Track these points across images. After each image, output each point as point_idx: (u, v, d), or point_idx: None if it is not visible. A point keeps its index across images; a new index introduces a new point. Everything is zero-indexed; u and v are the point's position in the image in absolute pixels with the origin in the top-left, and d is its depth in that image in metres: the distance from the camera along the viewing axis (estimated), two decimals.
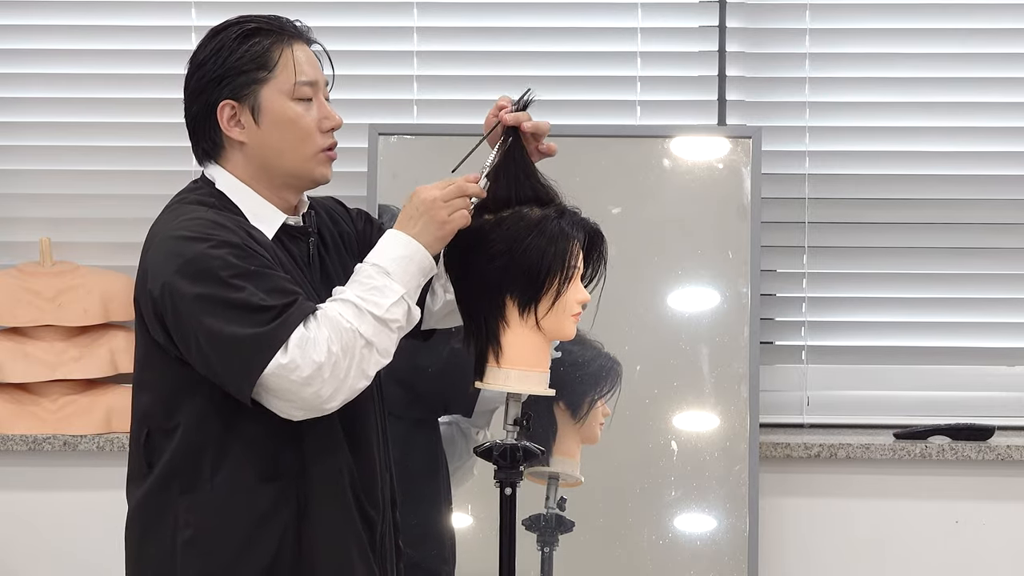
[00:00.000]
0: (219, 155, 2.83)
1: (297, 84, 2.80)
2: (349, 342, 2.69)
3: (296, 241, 2.85)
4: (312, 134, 2.81)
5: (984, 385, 4.48)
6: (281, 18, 2.87)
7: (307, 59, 2.84)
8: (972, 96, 4.49)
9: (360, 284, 2.75)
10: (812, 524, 4.37)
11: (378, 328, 2.72)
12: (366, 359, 2.71)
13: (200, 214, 2.75)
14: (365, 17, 4.55)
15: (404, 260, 2.78)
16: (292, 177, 2.83)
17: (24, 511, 4.44)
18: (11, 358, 4.39)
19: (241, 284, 2.66)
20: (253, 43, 2.80)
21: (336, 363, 2.67)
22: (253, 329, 2.64)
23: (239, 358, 2.66)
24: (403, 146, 4.35)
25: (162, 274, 2.70)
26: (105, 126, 4.54)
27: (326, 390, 2.68)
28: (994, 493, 4.35)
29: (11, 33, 4.55)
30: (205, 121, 2.81)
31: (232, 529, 2.77)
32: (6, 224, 4.56)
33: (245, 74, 2.78)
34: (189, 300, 2.67)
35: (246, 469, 2.76)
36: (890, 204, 4.48)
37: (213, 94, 2.79)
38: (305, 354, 2.65)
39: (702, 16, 4.51)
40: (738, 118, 4.49)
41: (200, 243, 2.69)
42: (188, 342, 2.70)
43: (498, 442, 2.90)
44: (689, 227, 4.30)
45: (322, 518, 2.81)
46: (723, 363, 4.24)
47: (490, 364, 2.89)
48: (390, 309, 2.73)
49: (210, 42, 2.82)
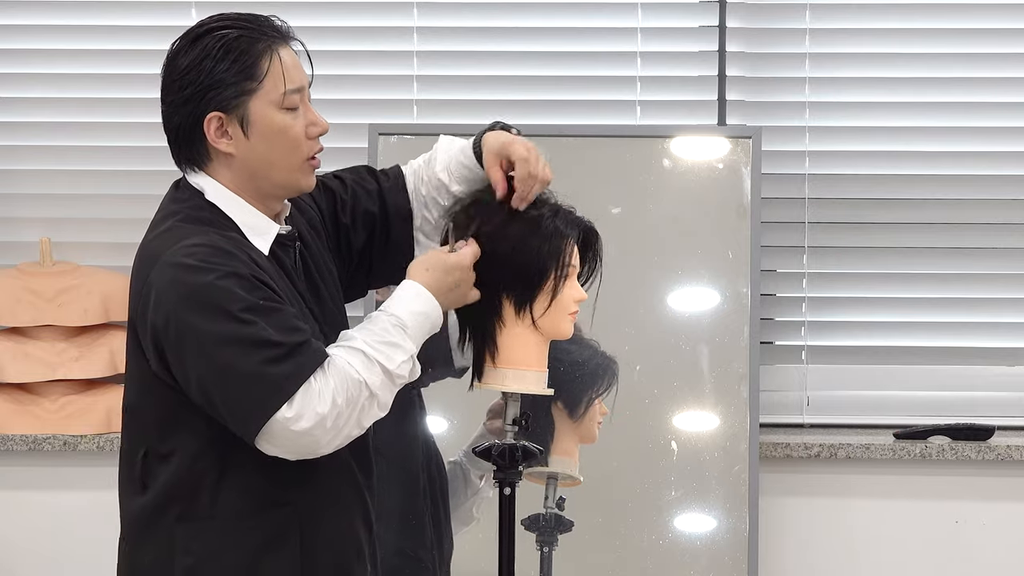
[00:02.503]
0: (205, 164, 2.75)
1: (286, 94, 2.72)
2: (355, 394, 2.64)
3: (285, 249, 2.79)
4: (301, 143, 2.74)
5: (984, 385, 4.48)
6: (261, 18, 2.76)
7: (293, 63, 2.75)
8: (972, 96, 4.49)
9: (373, 334, 2.69)
10: (812, 524, 4.37)
11: (385, 382, 2.67)
12: (366, 411, 2.66)
13: (203, 239, 2.66)
14: (365, 17, 4.55)
15: (422, 317, 2.73)
16: (279, 187, 2.76)
17: (24, 511, 4.44)
18: (11, 358, 4.39)
19: (251, 318, 2.59)
20: (239, 52, 2.69)
21: (339, 414, 2.62)
22: (265, 368, 2.58)
23: (248, 399, 2.60)
24: (403, 146, 4.34)
25: (165, 305, 2.61)
26: (105, 126, 4.54)
27: (324, 440, 2.63)
28: (994, 493, 4.35)
29: (11, 33, 4.56)
30: (190, 131, 2.71)
31: (236, 557, 2.72)
32: (6, 224, 4.56)
33: (232, 86, 2.68)
34: (196, 334, 2.59)
35: (247, 497, 2.71)
36: (890, 204, 4.48)
37: (199, 106, 2.69)
38: (309, 405, 2.59)
39: (702, 16, 4.51)
40: (738, 118, 4.49)
41: (206, 273, 2.60)
42: (188, 376, 2.62)
43: (497, 442, 2.90)
44: (689, 227, 4.30)
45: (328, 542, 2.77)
46: (723, 363, 4.24)
47: (487, 364, 2.88)
48: (400, 365, 2.68)
49: (192, 48, 2.71)
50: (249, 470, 2.69)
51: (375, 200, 2.98)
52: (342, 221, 2.95)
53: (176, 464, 2.70)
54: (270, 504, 2.72)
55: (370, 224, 2.97)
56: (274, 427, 2.60)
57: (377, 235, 2.98)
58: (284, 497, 2.73)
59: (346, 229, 2.95)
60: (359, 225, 2.96)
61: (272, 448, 2.64)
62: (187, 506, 2.71)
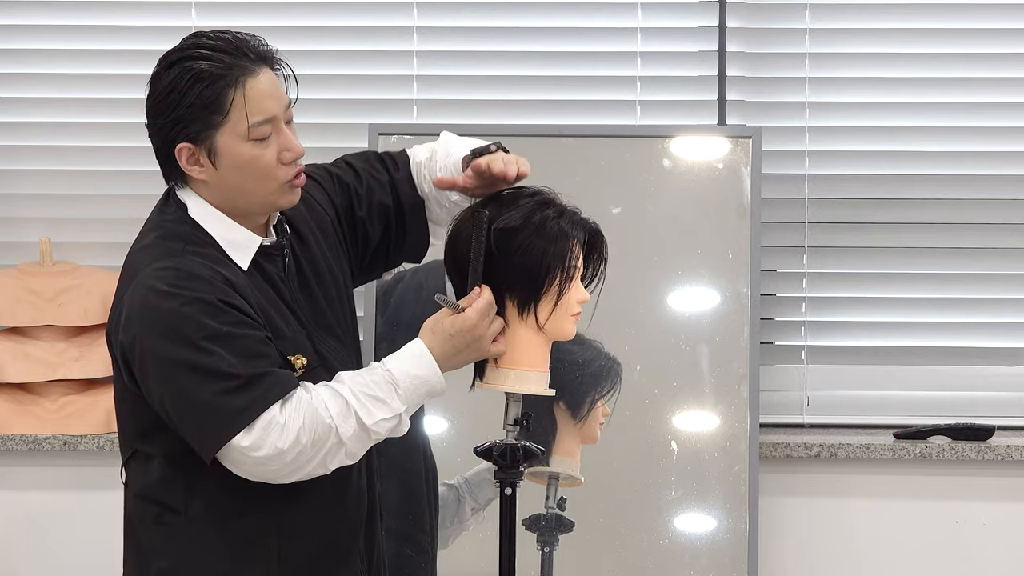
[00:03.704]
0: (186, 183, 2.77)
1: (252, 127, 2.69)
2: (322, 436, 2.65)
3: (271, 259, 2.80)
4: (271, 171, 2.72)
5: (984, 385, 4.48)
6: (241, 41, 2.73)
7: (264, 92, 2.71)
8: (972, 96, 4.48)
9: (363, 384, 2.71)
10: (812, 524, 4.37)
11: (358, 434, 2.68)
12: (332, 454, 2.68)
13: (174, 262, 2.68)
14: (365, 17, 4.55)
15: (418, 381, 2.74)
16: (257, 207, 2.77)
17: (24, 511, 4.44)
18: (11, 358, 4.39)
19: (211, 348, 2.61)
20: (205, 86, 2.67)
21: (301, 452, 2.64)
22: (219, 399, 2.60)
23: (202, 427, 2.63)
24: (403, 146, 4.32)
25: (132, 327, 2.66)
26: (105, 126, 4.54)
27: (283, 472, 2.66)
28: (994, 493, 4.35)
29: (11, 33, 4.55)
30: (167, 155, 2.74)
31: (211, 561, 2.74)
32: (6, 224, 4.56)
33: (198, 120, 2.68)
34: (157, 358, 2.63)
35: (223, 502, 2.73)
36: (890, 204, 4.48)
37: (170, 135, 2.70)
38: (268, 438, 2.61)
39: (702, 16, 4.51)
40: (738, 118, 4.49)
41: (171, 299, 2.63)
42: (152, 396, 2.67)
43: (498, 442, 2.90)
44: (689, 227, 4.30)
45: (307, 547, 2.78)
46: (723, 363, 4.24)
47: (489, 364, 2.89)
48: (379, 423, 2.70)
49: (166, 74, 2.71)
50: (224, 474, 2.70)
51: (388, 192, 2.99)
52: (358, 215, 2.97)
53: (155, 466, 2.75)
54: (246, 509, 2.74)
55: (385, 216, 2.99)
56: (231, 453, 2.64)
57: (393, 226, 3.00)
58: (260, 502, 2.74)
59: (363, 222, 2.97)
60: (375, 218, 2.98)
61: (233, 469, 2.67)
62: (163, 509, 2.75)
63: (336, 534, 2.83)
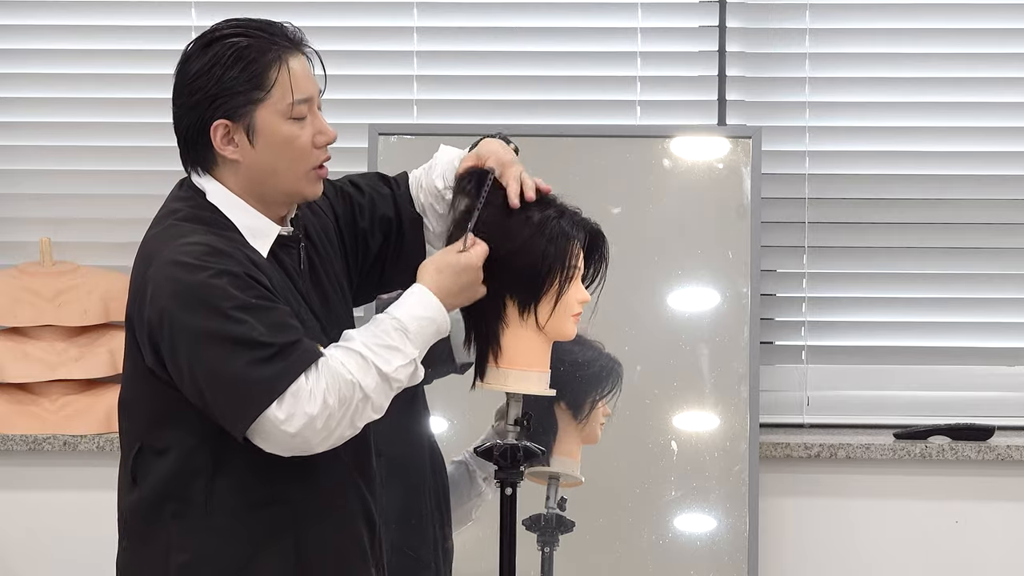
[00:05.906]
0: (210, 168, 2.76)
1: (294, 104, 2.71)
2: (347, 394, 2.64)
3: (288, 250, 2.80)
4: (306, 152, 2.74)
5: (984, 385, 4.48)
6: (275, 25, 2.76)
7: (302, 73, 2.74)
8: (972, 96, 4.49)
9: (373, 336, 2.70)
10: (812, 524, 4.38)
11: (380, 384, 2.67)
12: (360, 412, 2.66)
13: (200, 238, 2.68)
14: (365, 17, 4.55)
15: (426, 322, 2.73)
16: (284, 195, 2.77)
17: (24, 511, 4.44)
18: (11, 358, 4.39)
19: (242, 317, 2.60)
20: (249, 61, 2.69)
21: (330, 415, 2.62)
22: (252, 369, 2.59)
23: (235, 399, 2.61)
24: (403, 146, 4.35)
25: (160, 301, 2.63)
26: (106, 126, 4.54)
27: (315, 440, 2.64)
28: (994, 493, 4.35)
29: (11, 33, 4.55)
30: (197, 136, 2.73)
31: (231, 554, 2.72)
32: (6, 224, 4.56)
33: (240, 95, 2.69)
34: (187, 331, 2.61)
35: (241, 494, 2.71)
36: (890, 204, 4.48)
37: (207, 112, 2.70)
38: (299, 406, 2.60)
39: (702, 16, 4.52)
40: (738, 118, 4.49)
41: (200, 271, 2.62)
42: (181, 372, 2.64)
43: (498, 442, 2.90)
44: (689, 227, 4.30)
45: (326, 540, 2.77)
46: (723, 363, 4.24)
47: (490, 364, 2.88)
48: (398, 369, 2.69)
49: (203, 54, 2.71)
50: (243, 467, 2.70)
51: (390, 205, 3.00)
52: (360, 225, 2.97)
53: (170, 460, 2.72)
54: (265, 502, 2.73)
55: (386, 228, 2.99)
56: (264, 425, 2.61)
57: (392, 240, 3.00)
58: (279, 495, 2.73)
59: (364, 233, 2.97)
60: (376, 229, 2.98)
61: (265, 445, 2.65)
62: (181, 503, 2.72)
63: (355, 530, 2.82)
